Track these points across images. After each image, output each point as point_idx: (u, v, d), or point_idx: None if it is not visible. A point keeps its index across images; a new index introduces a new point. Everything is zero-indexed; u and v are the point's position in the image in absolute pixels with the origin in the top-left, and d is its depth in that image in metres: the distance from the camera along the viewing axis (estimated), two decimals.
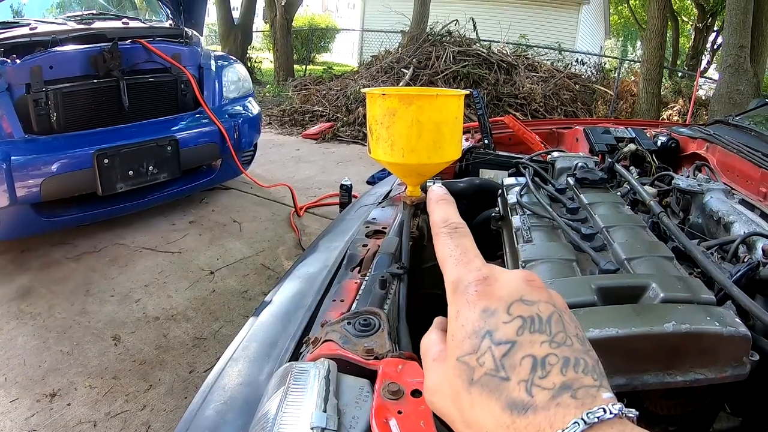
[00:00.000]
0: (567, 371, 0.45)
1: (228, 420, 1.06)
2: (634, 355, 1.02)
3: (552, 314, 0.49)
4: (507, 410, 0.45)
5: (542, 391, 0.44)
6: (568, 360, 0.46)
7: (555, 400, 0.44)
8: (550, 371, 0.45)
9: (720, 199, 1.89)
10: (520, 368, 0.46)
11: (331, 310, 1.25)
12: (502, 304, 0.50)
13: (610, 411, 0.43)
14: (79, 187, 4.30)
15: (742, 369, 1.04)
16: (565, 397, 0.44)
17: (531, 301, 0.50)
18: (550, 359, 0.46)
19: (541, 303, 0.50)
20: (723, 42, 10.87)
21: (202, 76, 5.39)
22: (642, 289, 1.15)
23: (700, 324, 1.02)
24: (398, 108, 1.40)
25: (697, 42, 21.25)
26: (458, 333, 0.50)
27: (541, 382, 0.45)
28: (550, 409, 0.43)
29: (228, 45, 15.78)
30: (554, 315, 0.49)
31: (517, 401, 0.45)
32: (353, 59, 21.95)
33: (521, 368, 0.46)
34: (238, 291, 4.09)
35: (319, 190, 6.48)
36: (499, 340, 0.48)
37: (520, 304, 0.50)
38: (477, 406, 0.47)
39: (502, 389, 0.46)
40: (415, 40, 12.10)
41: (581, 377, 0.45)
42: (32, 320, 3.58)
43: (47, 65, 4.24)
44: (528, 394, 0.45)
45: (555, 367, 0.45)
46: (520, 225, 1.57)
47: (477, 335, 0.49)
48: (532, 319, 0.49)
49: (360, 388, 0.90)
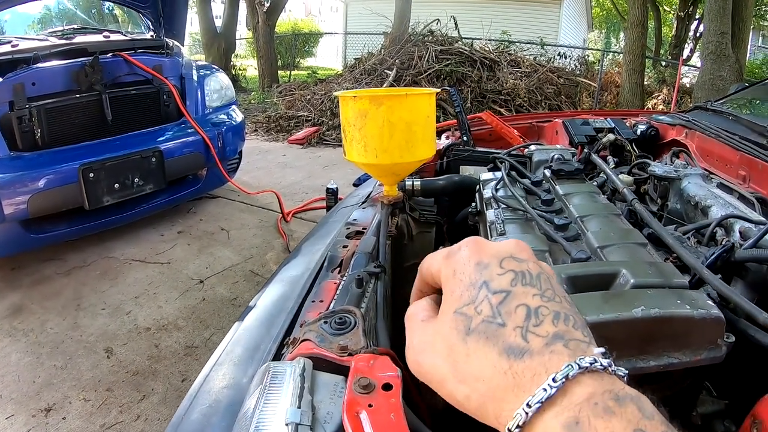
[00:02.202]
0: (558, 323, 0.47)
1: (213, 422, 1.08)
2: (604, 341, 1.00)
3: (540, 273, 0.52)
4: (504, 355, 0.46)
5: (537, 338, 0.46)
6: (558, 314, 0.48)
7: (549, 347, 0.46)
8: (543, 321, 0.47)
9: (697, 183, 1.91)
10: (515, 315, 0.48)
11: (311, 311, 1.27)
12: (495, 259, 0.53)
13: (601, 363, 0.44)
14: (66, 202, 4.29)
15: (717, 351, 1.04)
16: (558, 345, 0.46)
17: (521, 258, 0.53)
18: (542, 310, 0.48)
19: (530, 262, 0.53)
20: (704, 29, 10.93)
21: (184, 86, 5.39)
22: (612, 276, 1.16)
23: (670, 308, 1.02)
24: (369, 109, 1.42)
25: (680, 31, 21.27)
26: (456, 287, 0.52)
27: (536, 329, 0.47)
28: (544, 355, 0.45)
29: (212, 54, 15.76)
30: (543, 275, 0.52)
31: (513, 346, 0.46)
32: (338, 63, 21.94)
33: (516, 315, 0.48)
34: (228, 298, 4.10)
35: (306, 194, 6.49)
36: (495, 289, 0.50)
37: (511, 260, 0.52)
38: (473, 355, 0.48)
39: (499, 335, 0.47)
40: (398, 41, 12.14)
41: (572, 331, 0.47)
42: (25, 337, 3.58)
43: (30, 82, 4.24)
44: (524, 340, 0.46)
45: (547, 318, 0.48)
46: (494, 219, 1.58)
47: (474, 286, 0.51)
48: (523, 274, 0.51)
49: (335, 384, 0.92)
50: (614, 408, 0.41)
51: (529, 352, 0.46)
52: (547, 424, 0.43)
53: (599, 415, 0.41)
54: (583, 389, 0.43)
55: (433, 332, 0.53)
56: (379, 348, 1.00)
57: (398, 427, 0.79)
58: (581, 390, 0.43)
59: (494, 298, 0.49)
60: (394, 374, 0.89)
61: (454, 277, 0.53)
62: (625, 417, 0.41)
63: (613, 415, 0.41)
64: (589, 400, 0.42)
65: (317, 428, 0.83)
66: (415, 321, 0.58)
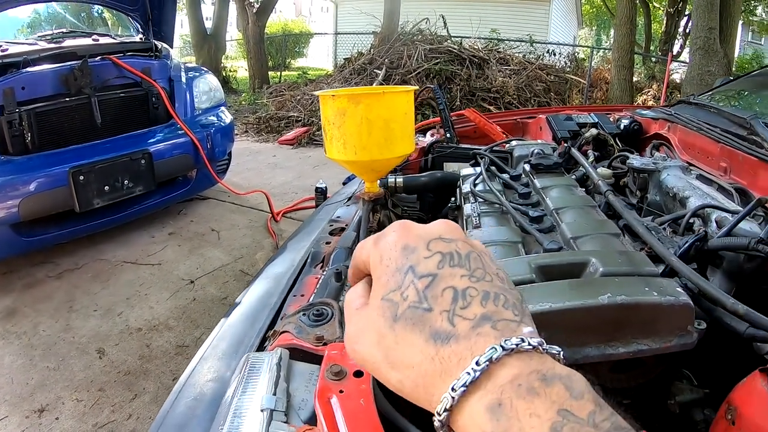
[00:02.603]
0: (487, 304, 0.47)
1: (197, 414, 1.11)
2: (572, 329, 1.03)
3: (470, 252, 0.52)
4: (431, 341, 0.46)
5: (463, 321, 0.46)
6: (488, 294, 0.48)
7: (475, 330, 0.45)
8: (471, 302, 0.47)
9: (676, 175, 1.93)
10: (441, 299, 0.48)
11: (292, 305, 1.30)
12: (422, 242, 0.52)
13: (529, 343, 0.44)
14: (57, 205, 4.31)
15: (688, 338, 1.05)
16: (486, 328, 0.45)
17: (449, 239, 0.53)
18: (470, 291, 0.48)
19: (459, 242, 0.53)
20: (692, 25, 10.96)
21: (173, 88, 5.40)
22: (582, 265, 1.17)
23: (638, 295, 1.03)
24: (347, 107, 1.45)
25: (669, 27, 21.34)
26: (383, 273, 0.52)
27: (462, 312, 0.47)
28: (471, 338, 0.45)
29: (202, 56, 15.72)
30: (473, 254, 0.51)
31: (440, 331, 0.46)
32: (329, 63, 21.93)
33: (443, 299, 0.48)
34: (219, 298, 4.13)
35: (296, 194, 6.51)
36: (421, 274, 0.49)
37: (438, 242, 0.52)
38: (402, 342, 0.48)
39: (425, 320, 0.47)
40: (387, 40, 12.16)
41: (501, 311, 0.47)
42: (18, 339, 3.59)
43: (19, 86, 4.25)
44: (450, 324, 0.46)
45: (475, 299, 0.47)
46: (470, 212, 1.61)
47: (400, 271, 0.50)
48: (451, 255, 0.51)
49: (310, 373, 0.95)
50: (539, 388, 0.41)
51: (455, 336, 0.46)
52: (473, 408, 0.43)
53: (522, 396, 0.41)
54: (507, 371, 0.43)
55: (365, 320, 0.53)
56: None
57: (368, 412, 0.82)
58: (506, 372, 0.43)
59: (420, 283, 0.49)
60: None
61: (381, 263, 0.53)
62: (550, 397, 0.41)
63: (537, 396, 0.41)
64: (513, 381, 0.42)
65: (292, 414, 0.86)
66: (350, 309, 0.57)
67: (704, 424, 1.17)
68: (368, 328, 0.52)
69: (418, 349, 0.47)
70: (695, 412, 1.20)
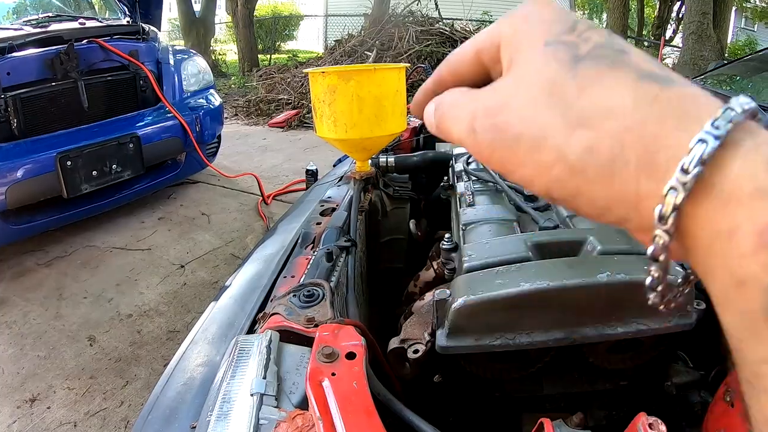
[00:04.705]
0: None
1: (187, 399, 1.09)
2: (570, 308, 1.01)
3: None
4: (646, 79, 0.34)
5: (671, 72, 0.35)
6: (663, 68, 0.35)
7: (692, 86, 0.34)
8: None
9: None
10: (629, 47, 0.36)
11: (283, 286, 1.27)
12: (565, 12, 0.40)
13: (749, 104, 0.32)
14: (44, 192, 4.26)
15: (687, 319, 1.04)
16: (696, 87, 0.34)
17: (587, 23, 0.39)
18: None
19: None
20: (686, 9, 10.98)
21: (161, 71, 5.34)
22: (579, 243, 1.15)
23: (637, 273, 1.01)
24: (338, 85, 1.42)
25: (662, 11, 21.29)
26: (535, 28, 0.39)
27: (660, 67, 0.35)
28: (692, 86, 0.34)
29: (190, 39, 15.60)
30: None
31: (651, 72, 0.34)
32: (319, 46, 21.82)
33: (634, 49, 0.36)
34: (209, 282, 4.10)
35: (287, 177, 6.46)
36: (592, 26, 0.38)
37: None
38: (593, 85, 0.34)
39: (624, 61, 0.35)
40: (378, 22, 12.08)
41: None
42: (8, 329, 3.56)
43: (5, 72, 4.18)
44: (659, 68, 0.35)
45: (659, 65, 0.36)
46: (464, 190, 1.59)
47: (566, 17, 0.39)
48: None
49: (301, 355, 0.92)
50: None
51: (675, 81, 0.34)
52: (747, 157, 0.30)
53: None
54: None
55: (510, 83, 0.39)
56: (346, 319, 1.00)
57: (360, 395, 0.79)
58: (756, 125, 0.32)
59: (596, 33, 0.37)
60: (358, 343, 0.90)
61: (527, 21, 0.40)
62: None
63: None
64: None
65: (282, 398, 0.84)
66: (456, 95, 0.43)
67: (700, 406, 1.17)
68: (522, 86, 0.38)
69: (627, 89, 0.33)
70: (692, 394, 1.20)
